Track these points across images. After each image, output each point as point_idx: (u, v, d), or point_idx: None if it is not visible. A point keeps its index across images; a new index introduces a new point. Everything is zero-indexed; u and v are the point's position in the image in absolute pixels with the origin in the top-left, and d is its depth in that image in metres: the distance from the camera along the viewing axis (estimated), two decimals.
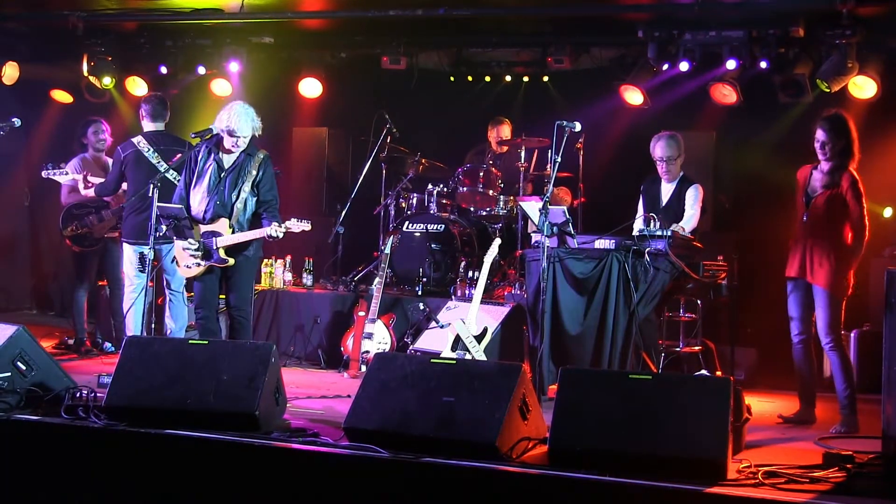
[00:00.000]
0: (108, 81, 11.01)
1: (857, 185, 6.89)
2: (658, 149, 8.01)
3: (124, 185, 8.61)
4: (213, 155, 7.41)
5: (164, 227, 7.28)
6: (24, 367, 6.30)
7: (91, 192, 8.90)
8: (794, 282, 7.10)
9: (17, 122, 8.35)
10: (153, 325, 7.74)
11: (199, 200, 7.40)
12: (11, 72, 10.93)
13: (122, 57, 11.09)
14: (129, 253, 8.48)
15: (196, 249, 7.31)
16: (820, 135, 6.93)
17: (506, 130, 10.34)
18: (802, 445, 6.28)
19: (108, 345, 9.49)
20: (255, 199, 7.38)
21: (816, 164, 7.07)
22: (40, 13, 10.89)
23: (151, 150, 8.40)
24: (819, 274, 6.90)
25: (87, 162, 9.36)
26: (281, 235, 7.26)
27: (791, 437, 6.58)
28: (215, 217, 7.33)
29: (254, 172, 7.34)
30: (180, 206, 7.38)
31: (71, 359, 8.93)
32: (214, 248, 7.27)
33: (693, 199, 7.91)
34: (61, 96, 11.72)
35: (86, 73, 11.00)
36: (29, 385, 6.28)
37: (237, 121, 7.27)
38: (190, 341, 6.43)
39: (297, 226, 7.32)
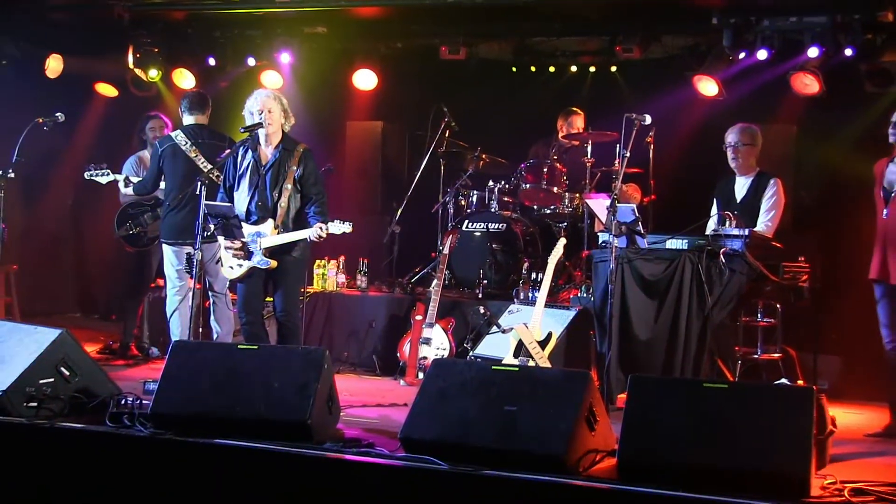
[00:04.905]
0: (154, 74, 11.11)
1: None
2: (729, 135, 8.04)
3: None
4: (251, 153, 7.45)
5: (212, 227, 7.33)
6: (67, 373, 6.32)
7: (130, 191, 8.96)
8: (879, 285, 7.02)
9: (60, 116, 8.48)
10: (200, 330, 7.76)
11: (241, 200, 7.46)
12: (55, 65, 11.03)
13: (169, 48, 11.19)
14: (168, 254, 8.51)
15: (238, 249, 7.35)
16: None
17: (579, 122, 10.25)
18: (893, 461, 6.18)
19: (154, 349, 9.58)
20: (299, 196, 7.40)
21: (893, 157, 7.01)
22: (85, 3, 11.00)
23: (189, 143, 8.43)
24: None
25: (143, 160, 9.42)
26: (322, 237, 7.27)
27: (880, 452, 6.47)
28: (260, 218, 7.37)
29: (294, 168, 7.36)
30: (229, 204, 7.42)
31: (116, 364, 9.01)
32: (258, 248, 7.31)
33: (770, 202, 7.84)
34: (106, 90, 11.80)
35: (131, 66, 11.11)
36: (73, 391, 6.31)
37: (250, 99, 7.49)
38: (239, 346, 6.48)
39: (339, 227, 7.26)
